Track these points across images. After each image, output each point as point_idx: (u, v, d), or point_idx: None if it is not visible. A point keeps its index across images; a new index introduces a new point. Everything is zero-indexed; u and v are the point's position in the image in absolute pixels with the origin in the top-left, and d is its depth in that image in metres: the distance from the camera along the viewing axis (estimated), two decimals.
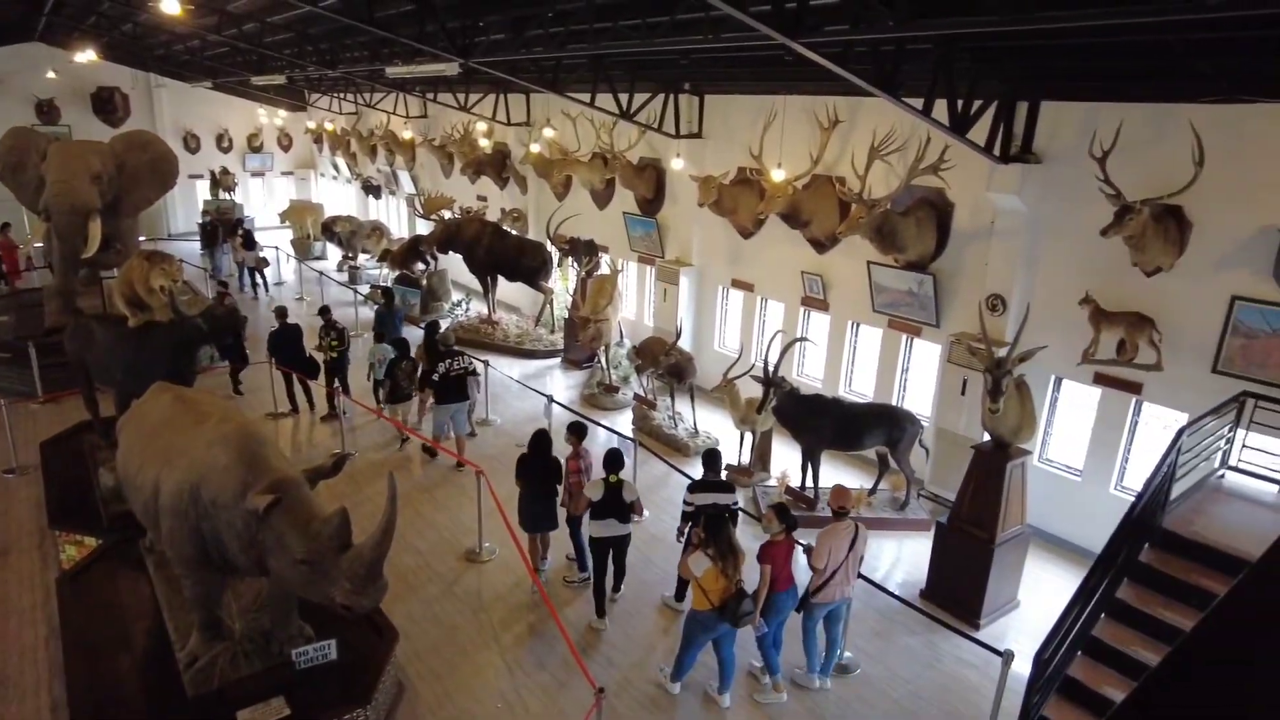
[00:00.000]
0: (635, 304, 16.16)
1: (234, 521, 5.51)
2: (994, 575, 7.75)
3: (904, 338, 10.94)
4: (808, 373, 12.51)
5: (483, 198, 19.69)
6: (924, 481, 10.33)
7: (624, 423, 12.56)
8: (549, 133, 15.80)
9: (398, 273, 18.66)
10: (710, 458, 7.76)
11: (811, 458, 9.81)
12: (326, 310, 12.72)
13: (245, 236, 20.23)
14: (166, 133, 24.72)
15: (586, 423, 8.79)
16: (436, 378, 10.67)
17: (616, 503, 7.43)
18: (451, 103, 18.49)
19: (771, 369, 9.55)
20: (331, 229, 22.62)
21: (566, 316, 15.58)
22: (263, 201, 28.94)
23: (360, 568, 5.25)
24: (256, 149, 28.83)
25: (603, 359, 13.98)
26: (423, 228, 20.13)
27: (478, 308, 18.13)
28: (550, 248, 16.12)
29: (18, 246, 19.26)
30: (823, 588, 6.63)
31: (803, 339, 11.76)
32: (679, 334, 12.24)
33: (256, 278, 20.28)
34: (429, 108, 21.35)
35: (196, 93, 26.52)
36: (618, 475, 7.42)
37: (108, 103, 25.73)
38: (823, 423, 9.63)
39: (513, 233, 17.27)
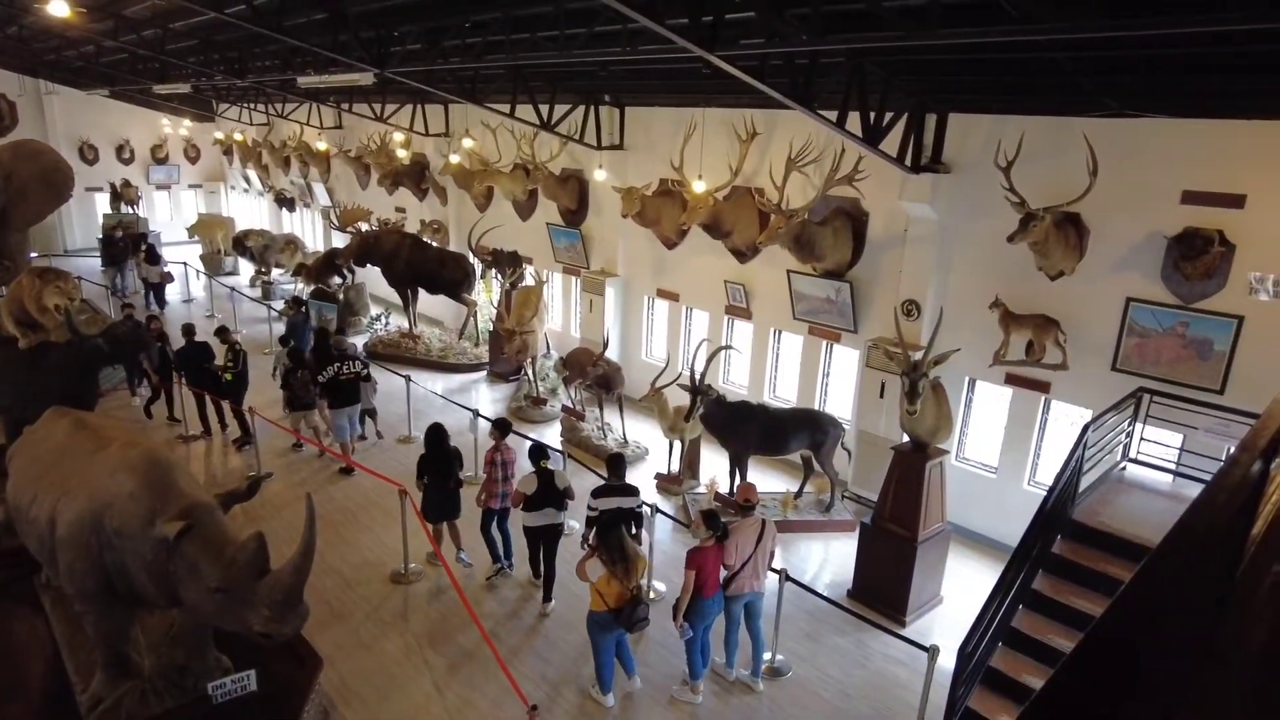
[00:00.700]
0: (561, 315, 16.09)
1: (142, 551, 5.22)
2: (917, 572, 7.98)
3: (824, 344, 11.19)
4: (733, 380, 12.67)
5: (401, 209, 19.31)
6: (847, 483, 10.57)
7: (552, 435, 12.47)
8: (468, 143, 15.62)
9: (313, 287, 18.11)
10: (614, 462, 7.82)
11: (739, 463, 9.93)
12: (224, 330, 12.24)
13: (148, 251, 19.33)
14: (59, 142, 23.35)
15: (510, 420, 8.92)
16: (324, 380, 10.79)
17: (551, 491, 7.74)
18: (367, 113, 18.09)
19: (698, 377, 9.63)
20: (243, 243, 21.82)
21: (491, 329, 15.39)
22: (169, 215, 27.70)
23: (279, 594, 5.04)
24: (161, 160, 27.59)
25: (529, 371, 13.86)
26: (339, 241, 19.61)
27: (398, 322, 17.74)
28: (472, 259, 15.92)
29: None
30: (732, 580, 6.80)
31: (728, 347, 11.91)
32: (606, 344, 12.23)
33: (159, 294, 19.40)
34: (344, 118, 20.84)
35: (93, 101, 25.22)
36: (546, 464, 7.73)
37: None
38: (749, 429, 9.76)
39: (433, 244, 16.98)
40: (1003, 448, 9.51)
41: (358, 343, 16.59)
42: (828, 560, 9.40)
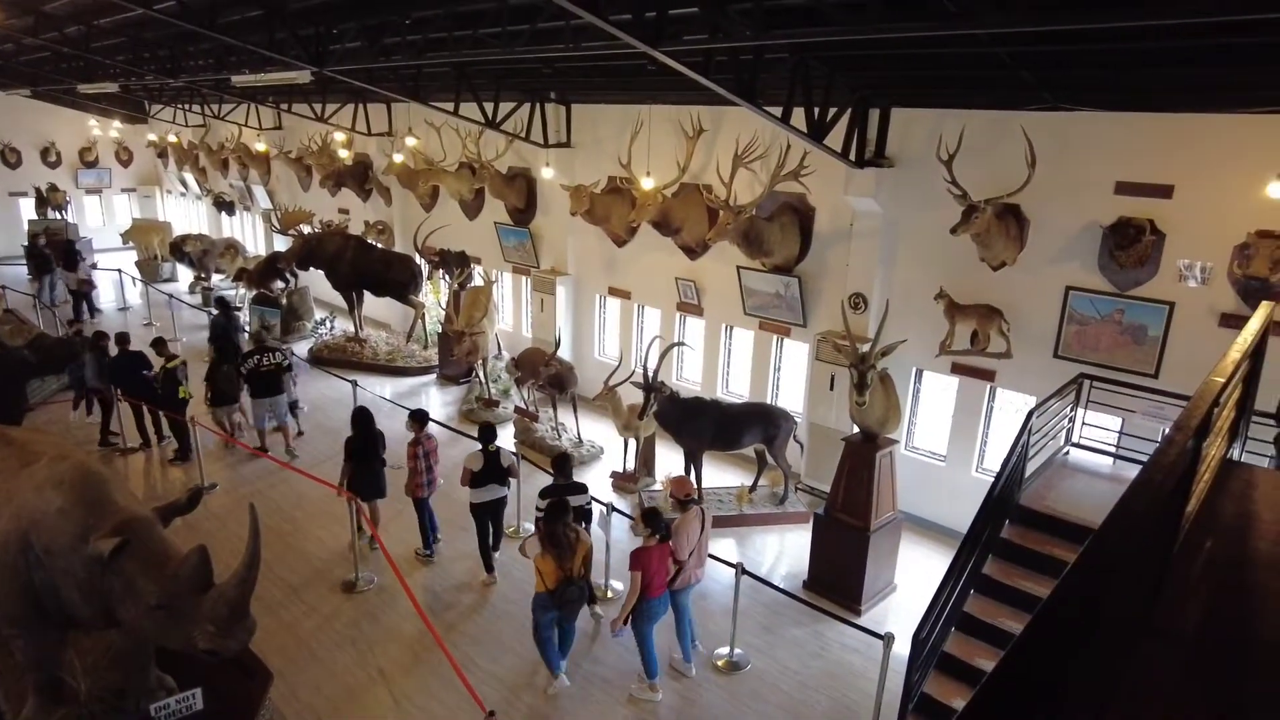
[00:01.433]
0: (512, 315, 15.94)
1: (74, 570, 4.99)
2: (871, 561, 8.08)
3: (775, 338, 11.27)
4: (686, 376, 12.69)
5: (345, 211, 18.90)
6: (800, 475, 10.66)
7: (506, 437, 12.34)
8: (411, 142, 15.37)
9: (255, 292, 17.64)
10: (560, 462, 7.91)
11: (694, 459, 9.95)
12: (161, 342, 11.80)
13: (66, 257, 18.62)
14: None
15: (426, 411, 9.10)
16: (245, 371, 11.11)
17: (495, 469, 8.29)
18: (308, 113, 17.67)
19: (651, 375, 9.61)
20: (181, 249, 21.14)
21: (440, 331, 15.17)
22: (101, 221, 26.73)
23: (224, 608, 4.87)
24: (90, 164, 26.58)
25: (480, 373, 13.69)
26: (281, 244, 19.14)
27: (343, 325, 17.38)
28: (419, 260, 15.66)
29: None
30: (679, 574, 6.87)
31: (680, 344, 11.92)
32: (558, 344, 12.15)
33: (88, 302, 18.73)
34: (284, 119, 20.33)
35: (12, 101, 24.17)
36: (493, 445, 8.27)
37: None
38: (703, 425, 9.79)
39: (378, 246, 16.66)
40: (950, 436, 9.69)
41: (302, 348, 16.25)
42: (783, 552, 9.47)
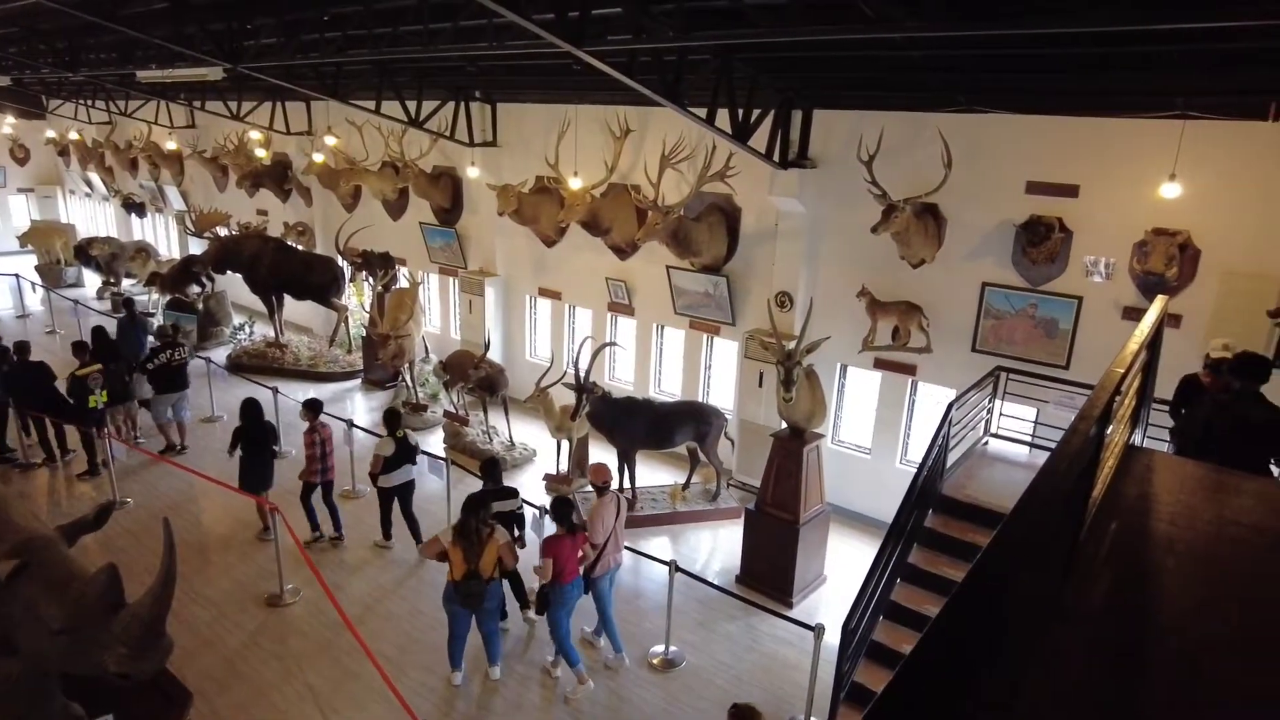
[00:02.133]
0: (439, 317, 15.68)
1: None
2: (801, 554, 8.23)
3: (705, 337, 11.38)
4: (619, 376, 12.70)
5: (263, 212, 18.28)
6: (732, 472, 10.79)
7: (435, 442, 12.14)
8: (332, 141, 14.97)
9: (169, 297, 16.92)
10: (488, 467, 7.85)
11: (627, 459, 9.97)
12: (82, 347, 11.22)
13: None
14: None
15: (320, 400, 9.32)
16: (153, 367, 11.08)
17: (407, 451, 8.77)
18: (223, 111, 17.02)
19: (583, 375, 9.59)
20: (87, 252, 20.10)
21: (364, 334, 14.81)
22: None
23: (137, 628, 4.66)
24: None
25: (407, 377, 13.42)
26: (196, 247, 18.40)
27: (263, 330, 16.82)
28: (341, 262, 15.26)
29: None
30: (598, 561, 6.97)
31: (612, 344, 11.91)
32: (487, 346, 12.00)
33: None
34: (197, 117, 19.54)
35: None
36: (401, 429, 8.78)
37: None
38: (636, 424, 9.81)
39: (298, 248, 16.16)
40: (874, 429, 9.94)
41: (220, 354, 15.66)
42: (716, 548, 9.57)
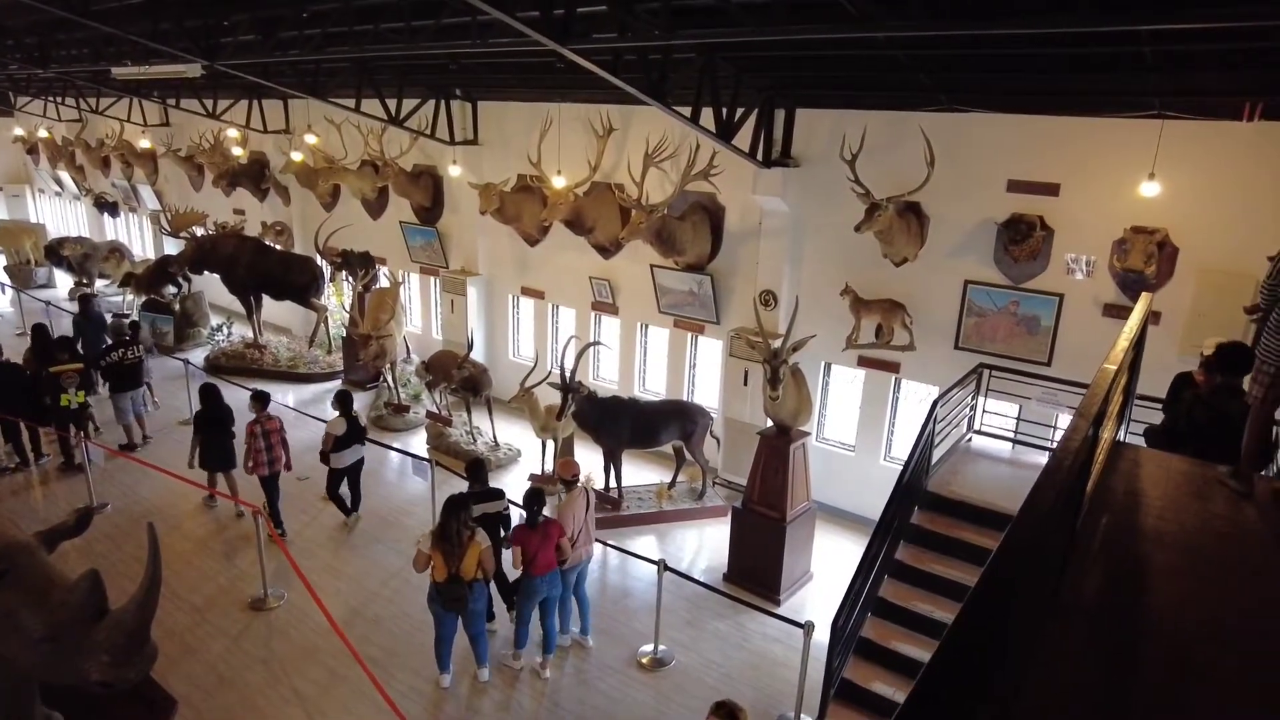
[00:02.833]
0: (421, 317, 15.57)
1: None
2: (788, 551, 8.26)
3: (689, 336, 11.38)
4: (604, 376, 12.68)
5: (240, 211, 18.05)
6: (718, 470, 10.81)
7: (418, 443, 12.06)
8: (311, 139, 14.80)
9: (145, 298, 16.67)
10: (474, 468, 7.82)
11: (613, 458, 9.95)
12: (62, 343, 11.16)
13: None
14: None
15: (267, 392, 9.62)
16: (106, 364, 11.24)
17: (356, 432, 9.29)
18: (198, 109, 16.76)
19: (568, 375, 9.56)
20: (58, 252, 19.73)
21: (344, 335, 14.67)
22: None
23: (120, 636, 4.56)
24: None
25: (389, 378, 13.32)
26: (172, 247, 18.14)
27: (241, 331, 16.61)
28: (320, 262, 15.11)
29: None
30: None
31: (596, 343, 11.88)
32: (470, 346, 11.93)
33: None
34: (171, 115, 19.24)
35: None
36: (351, 411, 9.29)
37: None
38: (621, 423, 9.80)
39: (276, 247, 15.98)
40: (859, 427, 10.00)
41: (198, 355, 15.46)
42: (703, 547, 9.58)
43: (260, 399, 9.28)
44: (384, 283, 14.17)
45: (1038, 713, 2.59)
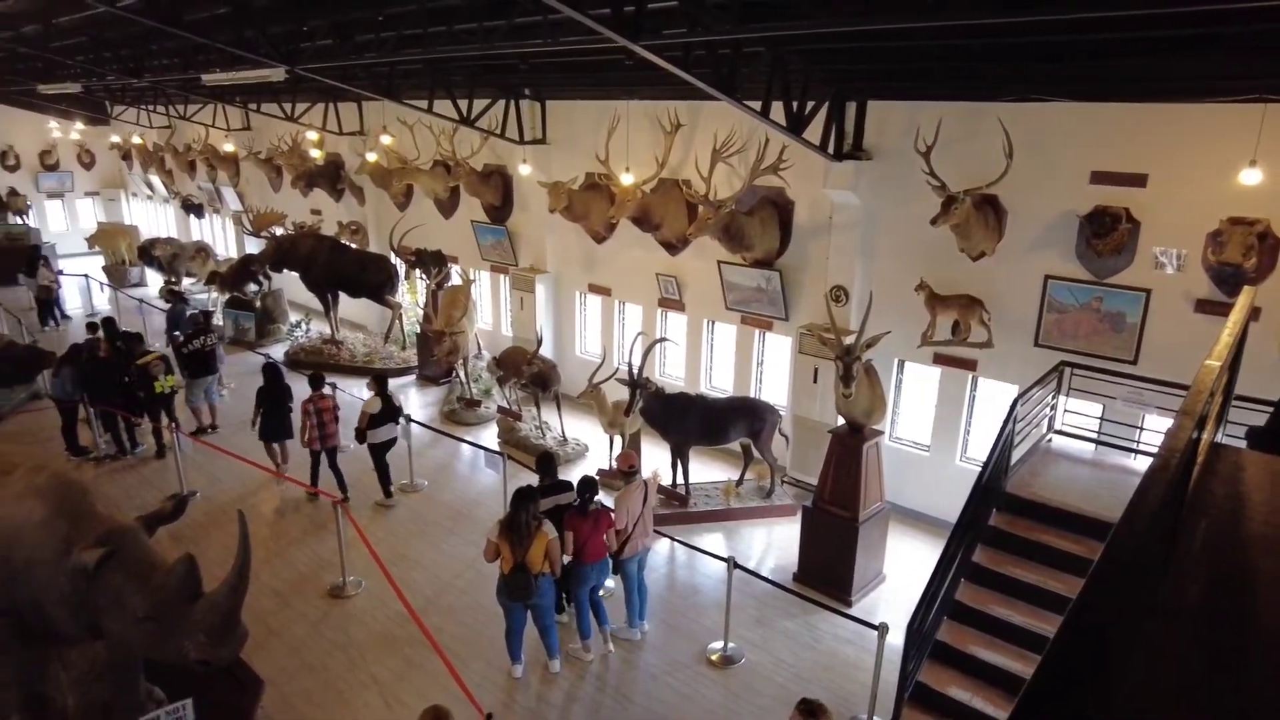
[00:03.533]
0: (491, 314, 15.84)
1: (57, 583, 4.88)
2: (860, 552, 8.13)
3: (757, 332, 11.30)
4: (670, 372, 12.69)
5: (317, 211, 18.66)
6: (786, 468, 10.70)
7: (489, 437, 12.26)
8: (385, 140, 15.20)
9: (229, 296, 17.38)
10: (544, 462, 7.84)
11: (680, 455, 9.96)
12: (139, 338, 12.05)
13: (28, 263, 18.31)
14: None
15: (323, 372, 10.65)
16: (187, 352, 12.02)
17: (391, 412, 9.96)
18: (277, 113, 17.39)
19: (635, 371, 9.60)
20: (150, 252, 20.76)
21: (418, 331, 15.03)
22: (64, 225, 26.17)
23: (215, 617, 4.80)
24: (51, 167, 25.99)
25: (461, 373, 13.59)
26: (253, 246, 18.86)
27: (319, 328, 17.17)
28: (394, 260, 15.50)
29: None
30: (626, 543, 7.12)
31: (663, 340, 11.90)
32: (539, 342, 12.08)
33: (55, 309, 18.37)
34: (252, 119, 20.01)
35: None
36: (386, 392, 9.92)
37: None
38: (688, 420, 9.79)
39: (352, 246, 16.47)
40: (934, 426, 9.77)
41: (278, 351, 16.02)
42: (771, 545, 9.50)
43: (315, 381, 10.04)
44: (456, 281, 14.45)
45: (1141, 713, 2.49)
